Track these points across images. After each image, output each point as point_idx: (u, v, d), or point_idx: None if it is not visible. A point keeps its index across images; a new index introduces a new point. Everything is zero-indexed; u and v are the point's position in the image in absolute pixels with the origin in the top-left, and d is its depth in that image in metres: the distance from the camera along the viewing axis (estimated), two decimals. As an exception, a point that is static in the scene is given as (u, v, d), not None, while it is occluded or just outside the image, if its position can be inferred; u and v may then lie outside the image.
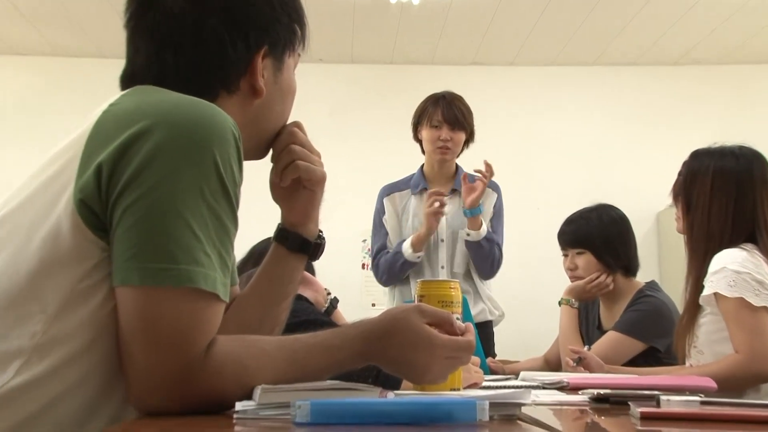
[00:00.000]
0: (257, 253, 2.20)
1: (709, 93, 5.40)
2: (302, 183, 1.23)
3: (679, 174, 2.26)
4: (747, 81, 5.44)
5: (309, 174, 1.22)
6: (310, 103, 4.75)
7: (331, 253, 1.41)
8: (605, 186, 4.89)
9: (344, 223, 4.78)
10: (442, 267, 3.14)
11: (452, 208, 3.14)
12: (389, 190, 3.31)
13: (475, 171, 3.06)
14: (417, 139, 3.26)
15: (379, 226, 3.28)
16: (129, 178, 0.91)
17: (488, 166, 3.04)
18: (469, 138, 3.20)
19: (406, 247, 3.08)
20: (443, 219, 3.13)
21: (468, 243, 3.09)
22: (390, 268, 3.14)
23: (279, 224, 1.27)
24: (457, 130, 3.14)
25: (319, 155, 1.24)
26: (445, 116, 3.12)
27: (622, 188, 4.90)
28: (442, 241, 3.15)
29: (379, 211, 3.29)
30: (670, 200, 2.30)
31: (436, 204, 3.02)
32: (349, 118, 5.32)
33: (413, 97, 3.38)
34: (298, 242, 1.25)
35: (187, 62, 1.08)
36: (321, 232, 1.29)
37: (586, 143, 5.37)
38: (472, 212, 3.05)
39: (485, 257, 3.11)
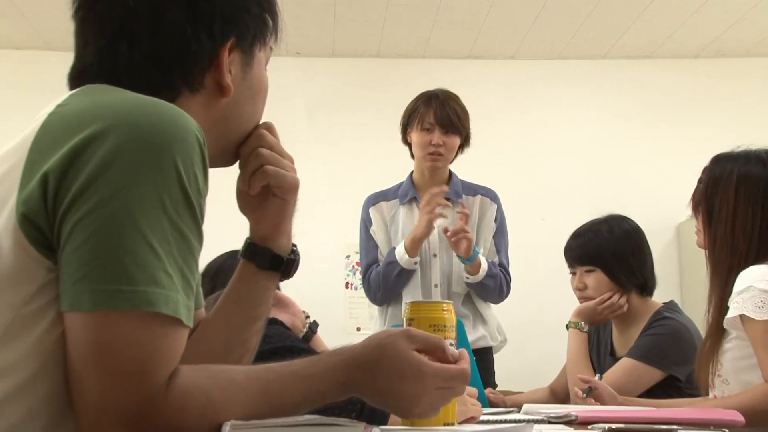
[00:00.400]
0: (214, 270, 2.19)
1: (734, 88, 5.41)
2: (272, 191, 1.24)
3: (699, 181, 2.26)
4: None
5: (279, 180, 1.22)
6: (285, 102, 4.80)
7: (310, 271, 1.42)
8: (618, 194, 4.91)
9: (325, 236, 4.79)
10: (436, 286, 3.13)
11: (445, 219, 3.11)
12: (375, 199, 3.30)
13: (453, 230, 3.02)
14: (406, 142, 3.26)
15: (366, 239, 3.27)
16: (79, 189, 0.90)
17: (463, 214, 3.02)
18: (464, 142, 3.20)
19: (401, 254, 3.06)
20: (434, 231, 3.09)
21: (469, 285, 3.11)
22: (385, 280, 3.11)
23: (247, 238, 1.28)
24: (451, 133, 3.13)
25: (291, 160, 1.25)
26: (438, 118, 3.11)
27: (638, 196, 4.93)
28: (435, 256, 3.14)
29: (366, 222, 3.28)
30: (690, 210, 2.31)
31: (438, 209, 3.00)
32: (330, 118, 5.32)
33: (402, 95, 3.39)
34: (269, 258, 1.25)
35: (144, 57, 1.08)
36: (295, 246, 1.29)
37: (596, 145, 5.38)
38: (470, 260, 3.04)
39: (491, 291, 3.14)
